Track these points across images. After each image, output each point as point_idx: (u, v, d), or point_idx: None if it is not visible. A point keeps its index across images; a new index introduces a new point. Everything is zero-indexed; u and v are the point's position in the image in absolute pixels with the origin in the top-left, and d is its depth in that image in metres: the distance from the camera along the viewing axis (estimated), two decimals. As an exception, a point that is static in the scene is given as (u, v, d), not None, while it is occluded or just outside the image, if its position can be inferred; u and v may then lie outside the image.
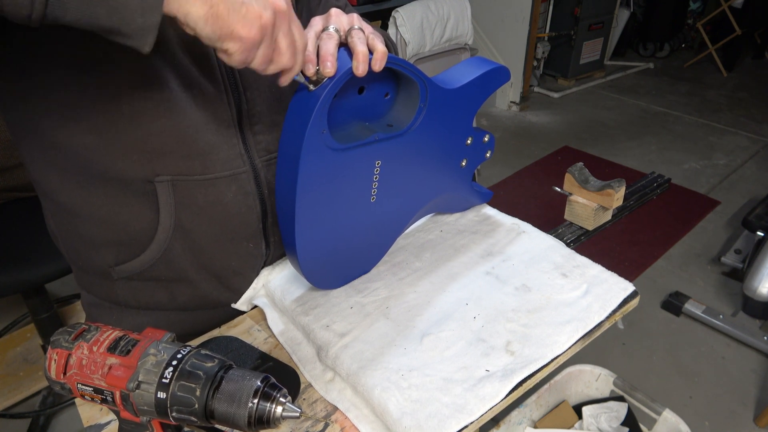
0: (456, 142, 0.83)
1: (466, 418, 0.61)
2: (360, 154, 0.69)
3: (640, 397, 1.24)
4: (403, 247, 0.89)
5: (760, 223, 2.04)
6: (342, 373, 0.68)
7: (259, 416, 0.49)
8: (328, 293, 0.80)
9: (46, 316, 1.67)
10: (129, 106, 0.64)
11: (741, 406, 1.77)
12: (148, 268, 0.76)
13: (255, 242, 0.80)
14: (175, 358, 0.50)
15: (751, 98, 4.02)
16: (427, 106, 0.73)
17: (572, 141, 3.45)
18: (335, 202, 0.70)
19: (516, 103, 3.89)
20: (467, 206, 0.98)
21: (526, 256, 0.86)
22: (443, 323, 0.74)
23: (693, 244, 2.52)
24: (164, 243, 0.74)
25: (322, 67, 0.60)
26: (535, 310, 0.75)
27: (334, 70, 0.60)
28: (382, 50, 0.61)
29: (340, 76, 0.60)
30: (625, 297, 0.78)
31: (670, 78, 4.40)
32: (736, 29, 4.23)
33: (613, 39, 4.44)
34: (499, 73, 0.81)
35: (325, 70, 0.60)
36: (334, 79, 0.60)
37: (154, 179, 0.69)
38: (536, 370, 0.67)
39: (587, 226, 1.08)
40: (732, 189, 2.93)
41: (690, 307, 2.07)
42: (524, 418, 1.27)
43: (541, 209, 2.73)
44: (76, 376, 0.51)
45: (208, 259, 0.78)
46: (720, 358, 1.95)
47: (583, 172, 1.06)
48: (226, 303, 0.84)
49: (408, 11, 2.27)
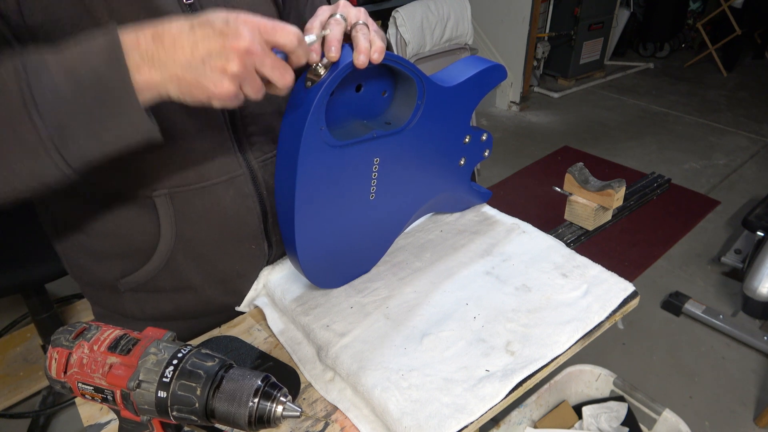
0: (454, 141, 0.83)
1: (466, 418, 0.61)
2: (358, 151, 0.69)
3: (640, 397, 1.24)
4: (403, 247, 0.89)
5: (760, 223, 2.04)
6: (342, 373, 0.68)
7: (259, 415, 0.49)
8: (328, 293, 0.80)
9: (46, 316, 1.67)
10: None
11: (741, 406, 1.77)
12: (153, 278, 0.76)
13: (257, 243, 0.80)
14: (176, 358, 0.50)
15: (751, 98, 4.02)
16: (424, 103, 0.73)
17: (572, 141, 3.45)
18: (334, 199, 0.70)
19: (516, 103, 3.89)
20: (466, 206, 0.98)
21: (526, 256, 0.86)
22: (443, 323, 0.74)
23: (693, 244, 2.52)
24: (167, 253, 0.74)
25: (327, 52, 0.59)
26: (535, 310, 0.75)
27: (338, 55, 0.60)
28: (381, 45, 0.61)
29: (337, 72, 0.60)
30: (625, 297, 0.78)
31: (670, 78, 4.40)
32: (736, 29, 4.23)
33: (613, 39, 4.44)
34: (495, 72, 0.81)
35: (329, 54, 0.59)
36: (332, 74, 0.60)
37: (152, 194, 0.70)
38: (536, 370, 0.67)
39: (587, 226, 1.08)
40: (732, 189, 2.93)
41: (690, 307, 2.07)
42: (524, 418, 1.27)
43: (541, 209, 2.73)
44: (76, 375, 0.51)
45: (212, 264, 0.78)
46: (720, 358, 1.95)
47: (583, 172, 1.06)
48: (231, 307, 0.84)
49: (408, 11, 2.27)
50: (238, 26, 0.49)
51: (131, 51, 0.49)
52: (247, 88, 0.52)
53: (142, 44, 0.49)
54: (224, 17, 0.50)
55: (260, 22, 0.51)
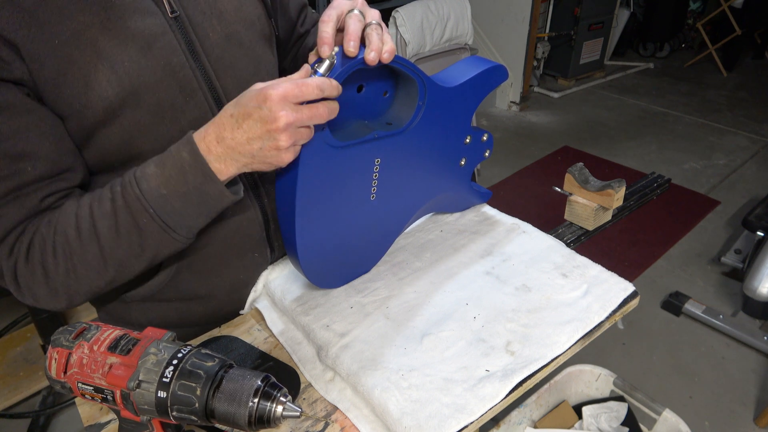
0: (455, 141, 0.83)
1: (466, 418, 0.61)
2: (359, 151, 0.69)
3: (640, 397, 1.24)
4: (403, 247, 0.89)
5: (760, 223, 2.04)
6: (342, 373, 0.68)
7: (259, 415, 0.49)
8: (328, 293, 0.80)
9: (46, 316, 1.67)
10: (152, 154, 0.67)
11: (741, 406, 1.77)
12: (158, 291, 0.77)
13: (260, 251, 0.81)
14: (176, 358, 0.50)
15: (751, 98, 4.02)
16: (425, 104, 0.73)
17: (572, 141, 3.45)
18: (335, 199, 0.70)
19: (516, 103, 3.89)
20: (467, 206, 0.98)
21: (526, 256, 0.86)
22: (443, 323, 0.74)
23: (693, 244, 2.52)
24: (171, 271, 0.75)
25: (346, 45, 0.60)
26: (535, 310, 0.75)
27: (356, 51, 0.60)
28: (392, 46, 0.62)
29: (344, 69, 0.60)
30: (625, 297, 0.78)
31: (670, 78, 4.40)
32: (736, 29, 4.23)
33: (613, 39, 4.44)
34: (496, 72, 0.81)
35: (348, 48, 0.60)
36: (337, 73, 0.60)
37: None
38: (536, 370, 0.67)
39: (587, 226, 1.08)
40: (732, 189, 2.93)
41: (690, 307, 2.07)
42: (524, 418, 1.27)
43: (541, 209, 2.73)
44: (76, 375, 0.51)
45: (217, 276, 0.78)
46: (720, 358, 1.95)
47: (583, 172, 1.06)
48: (236, 313, 0.84)
49: (408, 11, 2.27)
50: (271, 108, 0.55)
51: (209, 158, 0.60)
52: (301, 141, 0.60)
53: (213, 150, 0.59)
54: (256, 103, 0.56)
55: (285, 92, 0.56)
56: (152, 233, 0.62)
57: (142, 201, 0.60)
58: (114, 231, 0.62)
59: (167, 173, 0.60)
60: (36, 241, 0.62)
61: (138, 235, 0.62)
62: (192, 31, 0.68)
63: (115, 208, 0.61)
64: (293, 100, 0.56)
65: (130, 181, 0.61)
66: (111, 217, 0.61)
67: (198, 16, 0.69)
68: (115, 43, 0.62)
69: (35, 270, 0.62)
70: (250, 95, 0.57)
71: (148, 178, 0.61)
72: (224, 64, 0.71)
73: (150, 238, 0.62)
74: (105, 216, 0.61)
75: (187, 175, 0.60)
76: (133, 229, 0.62)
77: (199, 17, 0.69)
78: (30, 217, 0.62)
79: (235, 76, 0.73)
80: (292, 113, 0.56)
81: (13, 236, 0.62)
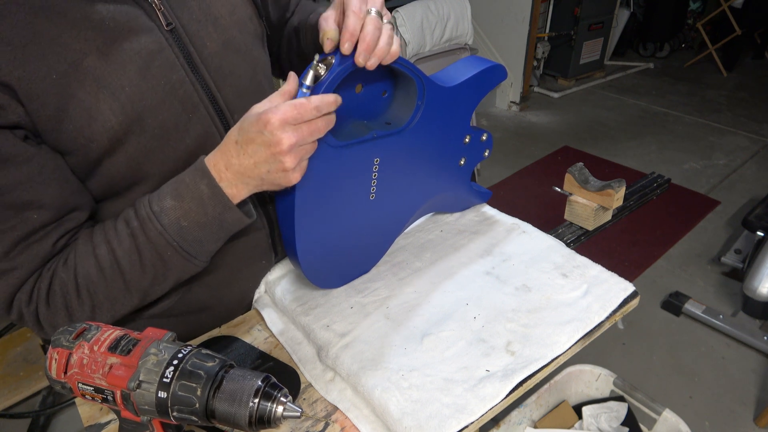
0: (454, 141, 0.83)
1: (466, 418, 0.61)
2: (359, 151, 0.69)
3: (640, 397, 1.24)
4: (403, 247, 0.89)
5: (760, 223, 2.04)
6: (342, 373, 0.68)
7: (260, 416, 0.49)
8: (328, 293, 0.80)
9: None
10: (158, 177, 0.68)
11: (741, 406, 1.77)
12: (168, 309, 0.77)
13: (267, 258, 0.82)
14: (176, 358, 0.50)
15: (751, 98, 4.02)
16: (424, 103, 0.73)
17: (572, 141, 3.45)
18: (335, 199, 0.70)
19: (516, 103, 3.89)
20: (466, 206, 0.98)
21: (526, 256, 0.86)
22: (443, 323, 0.74)
23: (693, 244, 2.52)
24: (180, 290, 0.75)
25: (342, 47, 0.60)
26: (536, 310, 0.75)
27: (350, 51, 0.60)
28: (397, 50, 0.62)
29: (338, 72, 0.60)
30: (625, 297, 0.78)
31: (670, 78, 4.40)
32: (736, 29, 4.23)
33: (613, 39, 4.44)
34: (496, 72, 0.81)
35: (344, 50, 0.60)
36: (333, 74, 0.60)
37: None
38: (536, 370, 0.67)
39: (587, 226, 1.08)
40: (732, 189, 2.93)
41: (690, 307, 2.07)
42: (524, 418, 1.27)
43: (541, 209, 2.73)
44: (76, 375, 0.51)
45: (226, 287, 0.79)
46: (720, 358, 1.95)
47: (583, 172, 1.06)
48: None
49: (408, 11, 2.27)
50: (273, 132, 0.56)
51: (222, 184, 0.62)
52: (306, 156, 0.61)
53: (224, 177, 0.61)
54: (257, 128, 0.57)
55: (284, 115, 0.56)
56: (176, 263, 0.65)
57: (165, 236, 0.62)
58: (138, 266, 0.64)
59: (186, 206, 0.62)
60: (55, 285, 0.63)
61: (162, 266, 0.64)
62: (189, 43, 0.67)
63: (137, 244, 0.63)
64: (293, 123, 0.56)
65: (149, 216, 0.62)
66: (134, 253, 0.63)
67: (194, 25, 0.68)
68: (114, 68, 0.61)
69: (58, 312, 0.63)
70: (251, 120, 0.58)
71: (167, 212, 0.62)
72: (223, 73, 0.71)
73: (173, 267, 0.65)
74: (127, 253, 0.63)
75: (206, 207, 0.62)
76: (158, 262, 0.64)
77: (195, 26, 0.68)
78: (45, 262, 0.63)
79: (234, 84, 0.72)
80: (293, 135, 0.57)
81: (30, 283, 0.62)
